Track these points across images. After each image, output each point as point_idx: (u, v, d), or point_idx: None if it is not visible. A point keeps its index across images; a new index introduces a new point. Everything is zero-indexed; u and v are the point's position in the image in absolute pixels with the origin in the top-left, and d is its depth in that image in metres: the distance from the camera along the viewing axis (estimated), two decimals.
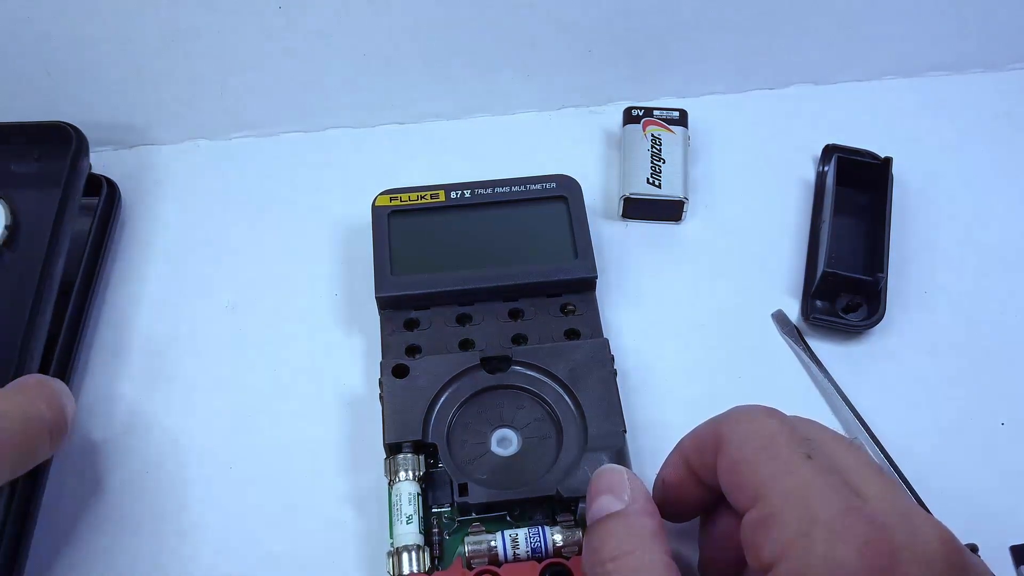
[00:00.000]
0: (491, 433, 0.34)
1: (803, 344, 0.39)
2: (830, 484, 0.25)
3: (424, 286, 0.37)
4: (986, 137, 0.46)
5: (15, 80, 0.44)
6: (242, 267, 0.42)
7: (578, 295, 0.38)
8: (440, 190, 0.40)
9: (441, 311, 0.37)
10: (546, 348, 0.35)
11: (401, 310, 0.37)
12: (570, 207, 0.39)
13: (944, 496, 0.34)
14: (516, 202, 0.40)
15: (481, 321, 0.37)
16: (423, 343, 0.36)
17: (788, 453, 0.26)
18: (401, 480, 0.32)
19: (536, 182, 0.40)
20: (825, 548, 0.23)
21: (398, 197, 0.40)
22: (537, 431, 0.34)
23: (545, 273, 0.37)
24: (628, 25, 0.45)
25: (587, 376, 0.34)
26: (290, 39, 0.44)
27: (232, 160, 0.46)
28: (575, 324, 0.37)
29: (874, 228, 0.41)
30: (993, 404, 0.37)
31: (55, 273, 0.37)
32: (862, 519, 0.24)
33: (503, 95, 0.47)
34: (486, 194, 0.40)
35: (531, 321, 0.37)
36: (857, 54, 0.48)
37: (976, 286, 0.41)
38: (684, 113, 0.45)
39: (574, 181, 0.40)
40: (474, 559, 0.31)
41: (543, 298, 0.38)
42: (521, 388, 0.35)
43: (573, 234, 0.39)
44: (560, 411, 0.34)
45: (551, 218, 0.39)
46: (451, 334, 0.36)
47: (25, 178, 0.40)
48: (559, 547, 0.31)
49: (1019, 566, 0.33)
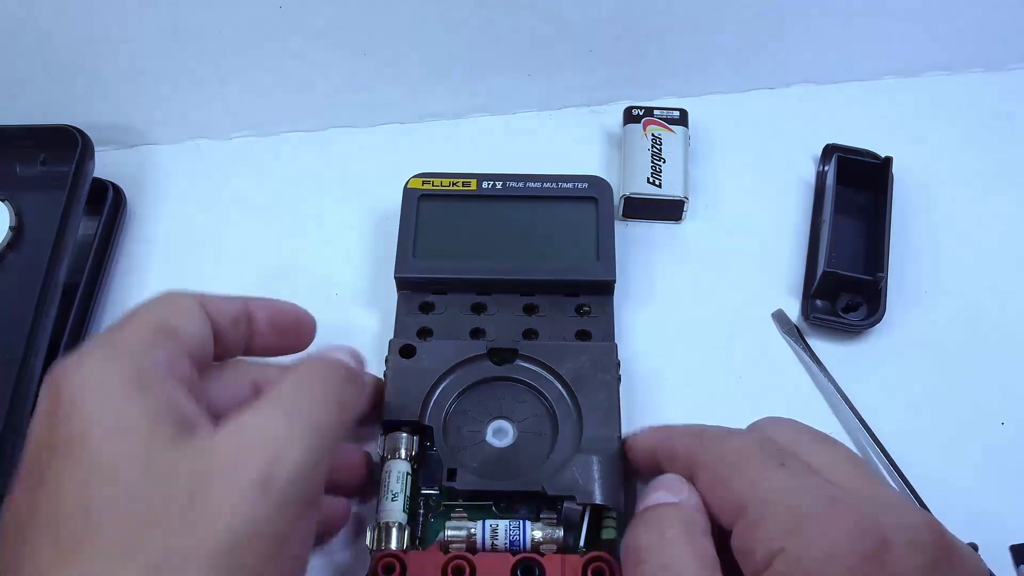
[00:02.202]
0: (488, 423, 0.34)
1: (803, 344, 0.39)
2: (809, 484, 0.25)
3: (443, 271, 0.37)
4: (986, 137, 0.46)
5: (15, 80, 0.44)
6: (242, 267, 0.42)
7: (595, 297, 0.38)
8: (473, 178, 0.40)
9: (457, 298, 0.37)
10: (554, 346, 0.36)
11: (419, 292, 0.37)
12: (599, 209, 0.40)
13: (944, 496, 0.34)
14: (546, 198, 0.40)
15: (495, 312, 0.37)
16: (435, 327, 0.36)
17: (760, 465, 0.26)
18: (393, 458, 0.33)
19: (569, 180, 0.40)
20: (816, 539, 0.23)
21: (430, 181, 0.40)
22: (533, 426, 0.34)
23: (564, 271, 0.38)
24: (628, 25, 0.45)
25: (590, 379, 0.34)
26: (290, 39, 0.44)
27: (232, 160, 0.46)
28: (588, 326, 0.37)
29: (874, 228, 0.41)
30: (993, 404, 0.37)
31: (59, 275, 0.37)
32: (848, 508, 0.24)
33: (503, 95, 0.47)
34: (517, 187, 0.40)
35: (544, 317, 0.37)
36: (857, 54, 0.48)
37: (976, 286, 0.41)
38: (684, 113, 0.45)
39: (605, 183, 0.40)
40: (452, 544, 0.31)
41: (560, 296, 0.38)
42: (524, 382, 0.35)
43: (598, 236, 0.39)
44: (559, 410, 0.34)
45: (579, 218, 0.40)
46: (464, 321, 0.37)
47: (30, 180, 0.40)
48: (537, 543, 0.31)
49: (1019, 566, 0.33)
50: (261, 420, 0.25)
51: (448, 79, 0.46)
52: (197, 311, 0.29)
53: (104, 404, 0.24)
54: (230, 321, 0.30)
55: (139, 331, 0.27)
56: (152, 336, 0.26)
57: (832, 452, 0.27)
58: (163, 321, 0.27)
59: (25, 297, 0.36)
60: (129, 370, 0.25)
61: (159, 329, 0.27)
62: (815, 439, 0.28)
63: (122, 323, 0.27)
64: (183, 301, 0.29)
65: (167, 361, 0.26)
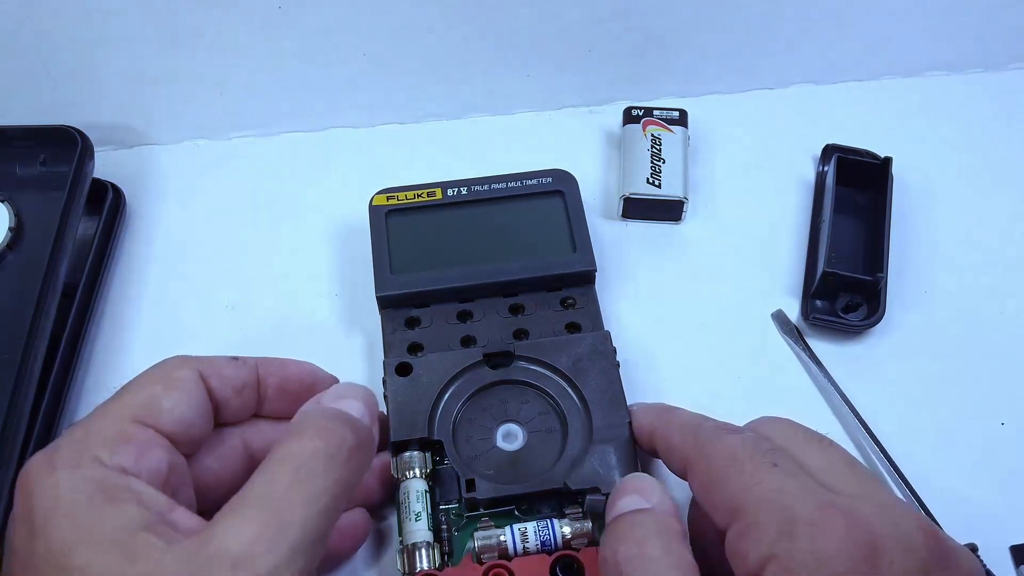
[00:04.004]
0: (496, 428, 0.34)
1: (803, 344, 0.39)
2: (801, 486, 0.25)
3: (424, 284, 0.37)
4: (986, 137, 0.46)
5: (15, 81, 0.44)
6: (242, 267, 0.42)
7: (578, 289, 0.38)
8: (437, 188, 0.40)
9: (442, 308, 0.37)
10: (548, 342, 0.36)
11: (402, 308, 0.37)
12: (567, 201, 0.40)
13: (944, 496, 0.34)
14: (513, 198, 0.40)
15: (482, 317, 0.37)
16: (425, 341, 0.36)
17: (753, 465, 0.26)
18: (409, 478, 0.32)
19: (532, 177, 0.40)
20: (808, 543, 0.23)
21: (395, 196, 0.40)
22: (542, 425, 0.34)
23: (544, 267, 0.38)
24: (628, 25, 0.45)
25: (590, 368, 0.35)
26: (290, 39, 0.44)
27: (232, 160, 0.46)
28: (576, 318, 0.37)
29: (874, 228, 0.41)
30: (993, 404, 0.37)
31: (59, 275, 0.37)
32: (840, 512, 0.24)
33: (503, 95, 0.47)
34: (482, 190, 0.40)
35: (532, 316, 0.37)
36: (857, 54, 0.48)
37: (976, 286, 0.41)
38: (684, 113, 0.45)
39: (569, 175, 0.40)
40: (484, 553, 0.31)
41: (543, 292, 0.38)
42: (525, 383, 0.35)
43: (571, 228, 0.39)
44: (564, 404, 0.34)
45: (548, 212, 0.40)
46: (453, 331, 0.37)
47: (30, 181, 0.40)
48: (568, 539, 0.31)
49: (1019, 566, 0.33)
50: (235, 530, 0.24)
51: (448, 79, 0.46)
52: (192, 386, 0.28)
53: (76, 523, 0.24)
54: (233, 391, 0.30)
55: (112, 425, 0.26)
56: (124, 430, 0.26)
57: (827, 453, 0.27)
58: (143, 407, 0.27)
59: (25, 297, 0.36)
60: (96, 480, 0.25)
61: (134, 420, 0.27)
62: (810, 439, 0.28)
63: (104, 408, 0.27)
64: (178, 374, 0.28)
65: (135, 459, 0.26)
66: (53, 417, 0.36)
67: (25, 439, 0.34)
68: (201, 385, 0.29)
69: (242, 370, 0.30)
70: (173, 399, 0.28)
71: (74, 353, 0.38)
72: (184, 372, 0.28)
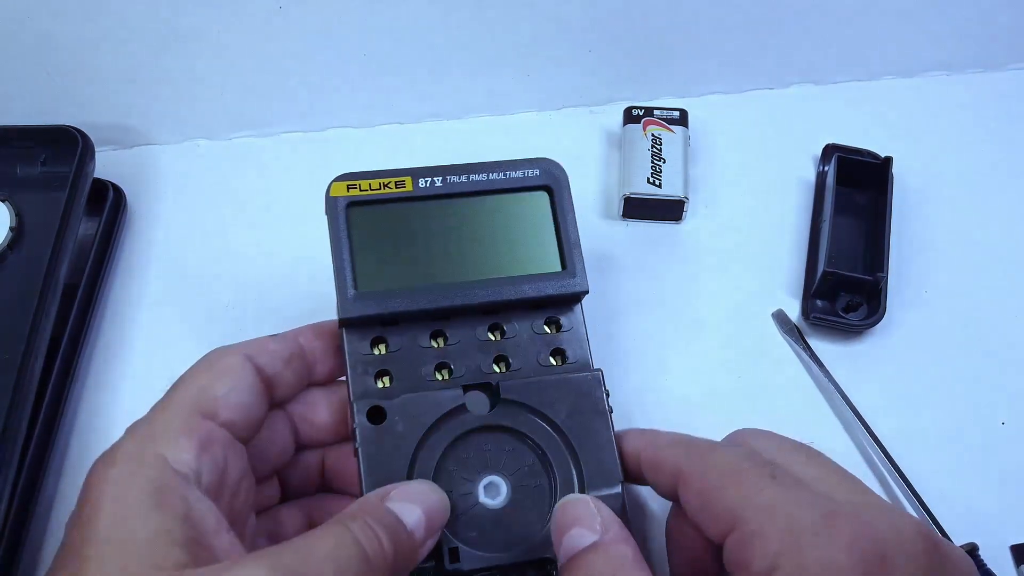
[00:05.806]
0: (478, 481, 0.30)
1: (803, 344, 0.39)
2: (802, 496, 0.25)
3: (393, 305, 0.32)
4: (986, 137, 0.46)
5: (15, 81, 0.44)
6: (242, 267, 0.42)
7: (563, 307, 0.33)
8: (407, 176, 0.34)
9: (412, 328, 0.32)
10: (535, 384, 0.32)
11: (368, 328, 0.32)
12: (555, 199, 0.34)
13: (944, 496, 0.34)
14: (493, 192, 0.34)
15: (457, 340, 0.32)
16: (394, 368, 0.32)
17: (752, 476, 0.26)
18: None
19: (516, 168, 0.34)
20: (816, 552, 0.24)
21: (356, 185, 0.34)
22: (529, 479, 0.31)
23: (529, 288, 0.33)
24: (628, 25, 0.45)
25: (580, 416, 0.31)
26: (290, 39, 0.44)
27: (232, 160, 0.46)
28: (561, 343, 0.33)
29: (874, 228, 0.41)
30: (993, 404, 0.37)
31: (59, 275, 0.37)
32: (844, 520, 0.24)
33: (503, 95, 0.47)
34: (459, 182, 0.34)
35: (513, 339, 0.33)
36: (857, 54, 0.48)
37: (976, 286, 0.41)
38: (684, 113, 0.45)
39: (558, 166, 0.34)
40: None
41: (526, 309, 0.33)
42: (509, 428, 0.31)
43: (559, 236, 0.34)
44: (552, 455, 0.31)
45: (534, 214, 0.34)
46: (425, 355, 0.32)
47: (30, 181, 0.40)
48: None
49: (1019, 566, 0.33)
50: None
51: (448, 79, 0.46)
52: (242, 370, 0.29)
53: (116, 521, 0.24)
54: (283, 363, 0.30)
55: (175, 418, 0.27)
56: (187, 423, 0.27)
57: (816, 462, 0.27)
58: (202, 397, 0.27)
59: (25, 297, 0.36)
60: (150, 481, 0.25)
61: (195, 411, 0.27)
62: (797, 449, 0.28)
63: (163, 404, 0.27)
64: (228, 361, 0.29)
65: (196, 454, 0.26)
66: (53, 417, 0.36)
67: (26, 439, 0.34)
68: (249, 366, 0.29)
69: (285, 343, 0.30)
70: (227, 385, 0.28)
71: (75, 353, 0.38)
72: (231, 359, 0.29)
